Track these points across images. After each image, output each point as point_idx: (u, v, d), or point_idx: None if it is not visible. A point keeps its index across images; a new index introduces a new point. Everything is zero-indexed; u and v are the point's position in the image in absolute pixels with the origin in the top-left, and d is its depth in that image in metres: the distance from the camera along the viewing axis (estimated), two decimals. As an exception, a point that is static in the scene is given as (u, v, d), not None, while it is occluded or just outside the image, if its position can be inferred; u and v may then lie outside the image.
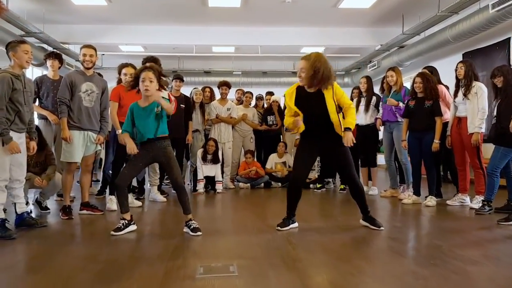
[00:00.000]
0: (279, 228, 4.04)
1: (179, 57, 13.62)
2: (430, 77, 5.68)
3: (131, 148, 3.89)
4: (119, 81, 5.43)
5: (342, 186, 7.26)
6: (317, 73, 3.82)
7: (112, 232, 3.86)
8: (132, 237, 3.88)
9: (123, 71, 5.35)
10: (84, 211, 4.96)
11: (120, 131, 5.05)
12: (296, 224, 4.17)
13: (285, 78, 14.29)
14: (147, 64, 3.99)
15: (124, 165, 4.74)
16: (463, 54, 9.35)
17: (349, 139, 3.89)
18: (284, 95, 4.18)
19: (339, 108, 4.05)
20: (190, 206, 4.03)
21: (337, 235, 3.92)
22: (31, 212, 4.59)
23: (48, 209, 5.18)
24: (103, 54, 12.90)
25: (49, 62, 5.81)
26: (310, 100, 3.97)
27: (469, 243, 3.67)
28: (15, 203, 4.17)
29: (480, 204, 5.13)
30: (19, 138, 3.97)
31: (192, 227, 3.91)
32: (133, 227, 4.03)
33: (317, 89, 3.95)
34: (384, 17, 9.97)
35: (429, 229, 4.50)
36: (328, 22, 10.30)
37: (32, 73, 11.10)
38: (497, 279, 2.68)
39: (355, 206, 4.29)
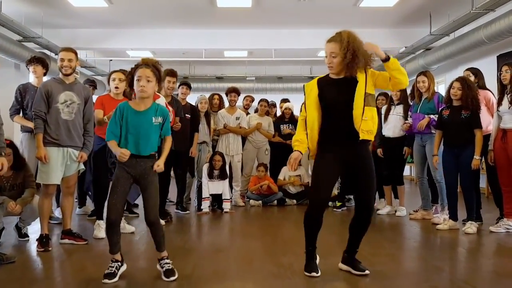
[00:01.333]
0: (308, 274, 3.18)
1: (189, 63, 13.04)
2: (471, 84, 4.89)
3: (124, 153, 3.09)
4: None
5: (339, 204, 6.56)
6: (355, 57, 3.03)
7: (105, 280, 3.05)
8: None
9: (112, 76, 4.68)
10: (66, 240, 4.27)
11: (106, 117, 4.38)
12: (317, 260, 3.30)
13: (302, 83, 13.49)
14: (145, 59, 3.20)
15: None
16: (497, 56, 8.50)
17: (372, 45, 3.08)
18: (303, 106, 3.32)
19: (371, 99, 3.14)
20: (164, 241, 3.24)
21: (366, 281, 3.13)
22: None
23: (27, 236, 4.50)
24: (111, 60, 12.38)
25: (31, 68, 5.19)
26: (336, 87, 3.17)
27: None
28: None
29: (534, 234, 4.29)
30: None
31: (165, 268, 3.15)
32: (123, 268, 3.25)
33: (349, 74, 3.13)
34: (410, 17, 9.23)
35: (474, 268, 3.68)
36: (348, 22, 9.49)
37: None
38: None
39: (389, 232, 3.44)
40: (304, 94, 3.28)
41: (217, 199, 6.54)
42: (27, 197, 4.31)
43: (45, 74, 5.32)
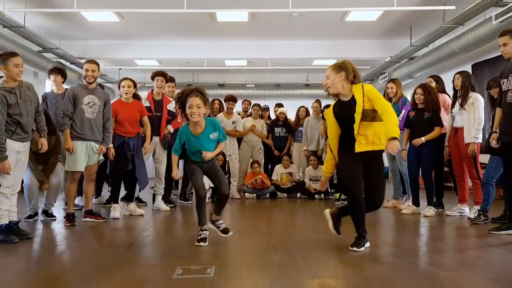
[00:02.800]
0: (355, 249, 3.59)
1: (193, 71, 13.90)
2: (431, 89, 5.74)
3: (175, 173, 4.02)
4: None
5: (337, 195, 7.31)
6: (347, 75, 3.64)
7: (201, 243, 3.82)
8: (124, 242, 4.05)
9: (122, 83, 5.58)
10: (88, 219, 5.16)
11: (111, 145, 5.27)
12: (368, 244, 3.73)
13: (299, 90, 14.39)
14: (194, 88, 3.88)
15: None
16: (472, 65, 9.31)
17: (393, 146, 3.36)
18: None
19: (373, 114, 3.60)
20: (223, 211, 4.15)
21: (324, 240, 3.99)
22: (19, 221, 4.37)
23: (54, 216, 5.38)
24: (120, 69, 13.28)
25: (52, 77, 6.02)
26: (344, 108, 3.69)
27: (453, 250, 3.71)
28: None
29: (476, 214, 5.13)
30: (22, 147, 4.17)
31: (221, 228, 4.03)
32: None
33: (351, 96, 3.67)
34: (392, 29, 10.01)
35: (418, 236, 4.54)
36: (337, 35, 10.40)
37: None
38: (465, 284, 2.74)
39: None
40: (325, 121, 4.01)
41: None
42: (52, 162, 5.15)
43: (63, 82, 6.15)
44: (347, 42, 10.68)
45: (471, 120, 5.38)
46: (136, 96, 5.84)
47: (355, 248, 3.59)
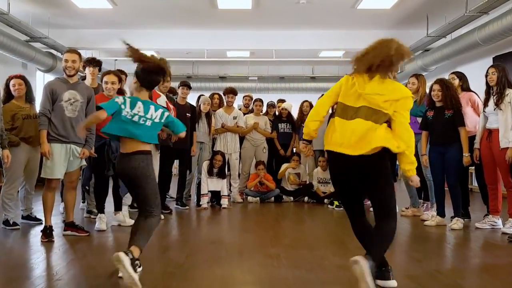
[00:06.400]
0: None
1: (193, 62, 13.24)
2: (449, 84, 5.10)
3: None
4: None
5: (337, 203, 6.54)
6: None
7: None
8: (107, 268, 3.39)
9: (104, 79, 4.89)
10: (69, 232, 4.50)
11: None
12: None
13: (304, 83, 13.73)
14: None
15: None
16: (493, 58, 8.65)
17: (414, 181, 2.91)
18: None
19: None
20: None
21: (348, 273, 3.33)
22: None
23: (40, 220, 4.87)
24: (116, 60, 12.60)
25: (89, 70, 5.34)
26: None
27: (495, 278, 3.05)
28: None
29: (515, 230, 4.47)
30: None
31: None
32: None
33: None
34: (407, 18, 9.37)
35: (453, 262, 3.87)
36: (347, 24, 9.74)
37: (43, 79, 10.81)
38: None
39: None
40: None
41: (216, 196, 6.76)
42: None
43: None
44: (358, 32, 9.91)
45: (508, 122, 4.69)
46: (121, 92, 5.12)
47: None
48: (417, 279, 3.13)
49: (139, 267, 2.94)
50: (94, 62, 5.43)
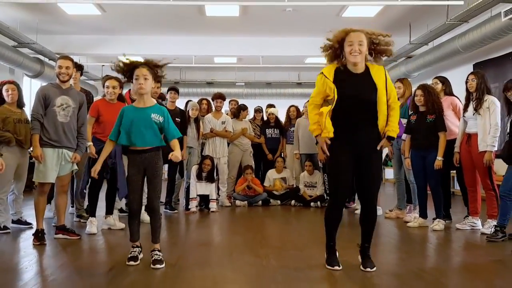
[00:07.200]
0: (331, 267, 3.35)
1: (180, 68, 13.33)
2: (431, 90, 5.27)
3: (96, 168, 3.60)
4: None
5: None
6: (378, 44, 3.33)
7: (130, 262, 3.47)
8: (101, 267, 3.48)
9: (106, 83, 4.99)
10: (60, 235, 4.57)
11: (90, 143, 4.80)
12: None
13: (291, 89, 13.89)
14: (143, 60, 3.64)
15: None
16: (474, 65, 8.89)
17: (389, 148, 3.31)
18: (321, 72, 3.48)
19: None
20: (159, 233, 3.60)
21: (336, 274, 3.46)
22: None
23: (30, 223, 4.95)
24: (103, 65, 12.63)
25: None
26: (357, 82, 3.29)
27: (472, 276, 3.21)
28: None
29: (493, 230, 4.65)
30: None
31: (153, 258, 3.47)
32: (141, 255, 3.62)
33: (365, 69, 3.34)
34: (391, 26, 9.51)
35: (435, 261, 4.02)
36: (332, 31, 9.89)
37: (31, 84, 10.81)
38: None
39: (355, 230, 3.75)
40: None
41: (204, 200, 6.86)
42: None
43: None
44: (343, 39, 10.12)
45: (487, 126, 4.89)
46: (121, 98, 5.21)
47: (329, 267, 3.36)
48: (401, 278, 3.27)
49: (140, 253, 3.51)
50: (76, 67, 5.50)
